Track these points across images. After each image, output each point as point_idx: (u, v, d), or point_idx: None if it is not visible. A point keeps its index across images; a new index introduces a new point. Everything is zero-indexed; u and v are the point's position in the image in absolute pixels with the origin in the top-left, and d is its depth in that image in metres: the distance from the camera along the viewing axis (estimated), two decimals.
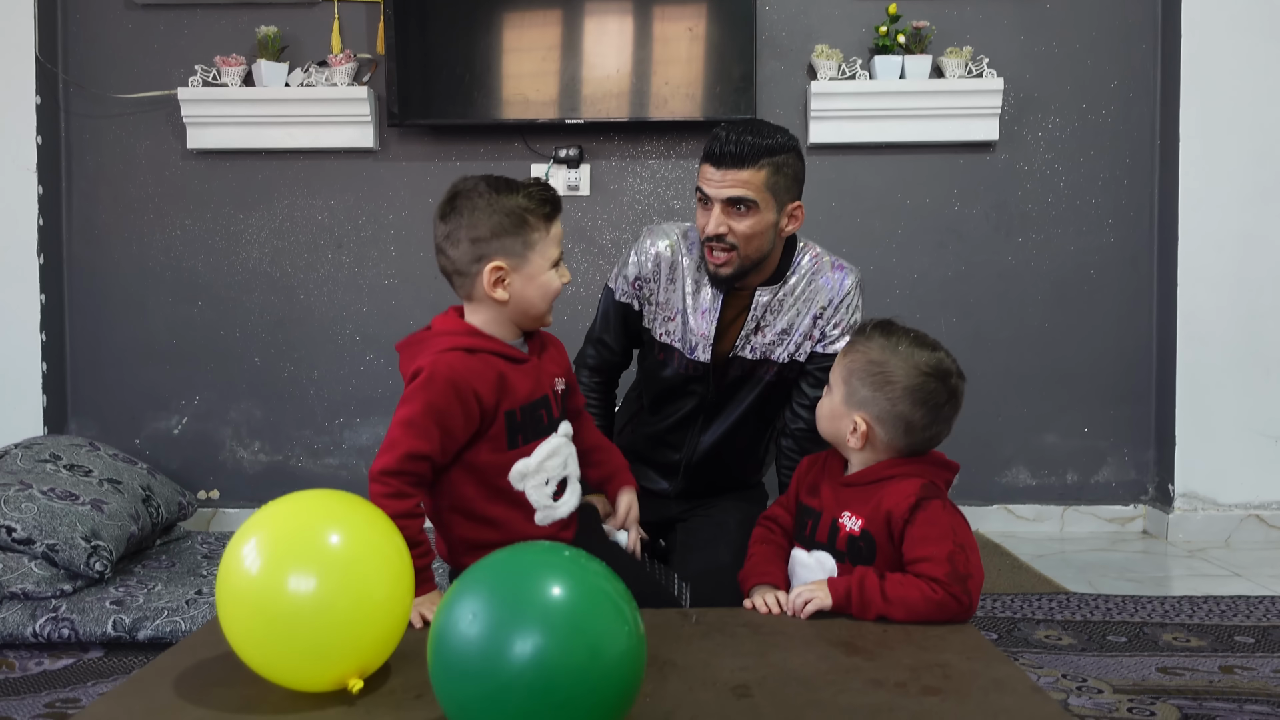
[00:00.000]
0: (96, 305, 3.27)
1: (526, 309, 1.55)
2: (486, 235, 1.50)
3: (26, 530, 2.24)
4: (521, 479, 1.56)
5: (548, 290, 1.55)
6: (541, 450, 1.57)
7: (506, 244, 1.51)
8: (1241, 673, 1.91)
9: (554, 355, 1.67)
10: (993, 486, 3.26)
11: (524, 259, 1.52)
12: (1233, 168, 3.08)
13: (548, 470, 1.58)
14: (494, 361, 1.52)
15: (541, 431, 1.58)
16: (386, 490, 1.45)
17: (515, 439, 1.55)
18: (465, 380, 1.48)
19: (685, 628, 1.39)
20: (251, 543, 1.17)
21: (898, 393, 1.51)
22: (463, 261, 1.52)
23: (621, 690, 0.98)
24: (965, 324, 3.23)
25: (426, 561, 1.46)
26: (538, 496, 1.58)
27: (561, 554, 1.03)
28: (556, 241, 1.55)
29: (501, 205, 1.50)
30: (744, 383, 2.07)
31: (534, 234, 1.52)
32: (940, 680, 1.20)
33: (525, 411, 1.55)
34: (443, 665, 0.97)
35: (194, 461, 3.28)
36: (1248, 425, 3.10)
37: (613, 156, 3.24)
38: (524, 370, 1.56)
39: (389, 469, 1.46)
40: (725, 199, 1.90)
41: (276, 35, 3.13)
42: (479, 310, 1.57)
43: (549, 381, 1.62)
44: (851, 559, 1.51)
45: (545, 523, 1.59)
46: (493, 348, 1.53)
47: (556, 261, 1.56)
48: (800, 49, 3.20)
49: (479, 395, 1.49)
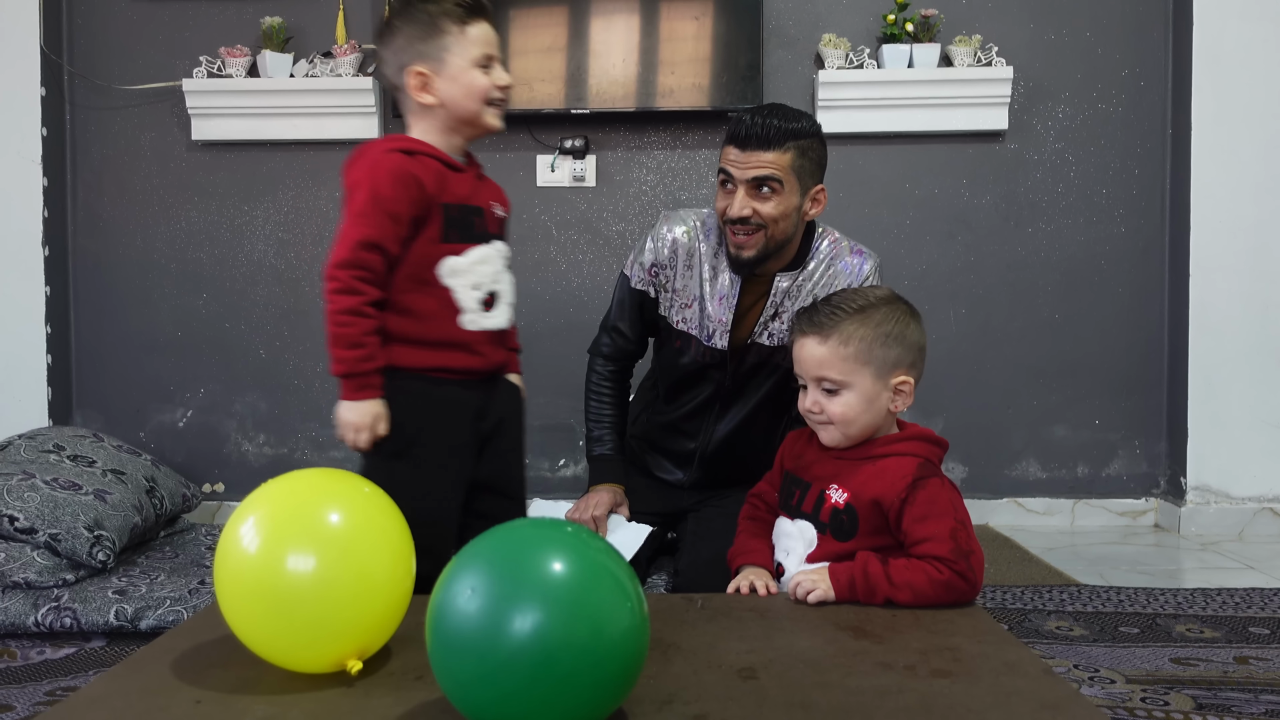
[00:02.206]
0: (101, 297, 3.27)
1: (456, 110, 1.59)
2: (404, 44, 1.59)
3: (29, 520, 2.23)
4: (451, 274, 1.58)
5: (472, 88, 1.58)
6: (473, 253, 1.60)
7: (421, 49, 1.58)
8: (1256, 663, 1.88)
9: (494, 189, 1.70)
10: (1002, 480, 3.23)
11: (441, 61, 1.57)
12: (1245, 156, 3.04)
13: (477, 275, 1.60)
14: (431, 161, 1.58)
15: (475, 237, 1.61)
16: (336, 285, 1.50)
17: (449, 233, 1.58)
18: (406, 168, 1.54)
19: (690, 612, 1.37)
20: (250, 522, 1.16)
21: (913, 325, 1.52)
22: (391, 73, 1.61)
23: (624, 668, 0.96)
24: (974, 315, 3.20)
25: (366, 367, 1.51)
26: (465, 298, 1.59)
27: (563, 530, 1.01)
28: (480, 43, 1.58)
29: (413, 15, 1.58)
30: (761, 370, 2.05)
31: (446, 37, 1.57)
32: (950, 663, 1.18)
33: (460, 210, 1.59)
34: (441, 642, 0.94)
35: (199, 454, 3.27)
36: (1261, 417, 3.06)
37: (619, 147, 3.22)
38: (461, 177, 1.62)
39: (340, 260, 1.51)
40: (750, 180, 1.88)
41: (281, 26, 3.11)
42: (417, 123, 1.62)
43: (485, 198, 1.65)
44: (833, 531, 1.48)
45: (471, 327, 1.60)
46: (430, 151, 1.59)
47: (484, 62, 1.59)
48: (807, 38, 3.18)
49: (420, 181, 1.54)
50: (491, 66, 1.60)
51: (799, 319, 1.56)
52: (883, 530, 1.46)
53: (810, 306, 1.56)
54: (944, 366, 3.17)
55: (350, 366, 1.51)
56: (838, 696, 1.08)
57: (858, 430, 1.51)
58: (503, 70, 1.61)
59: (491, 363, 1.65)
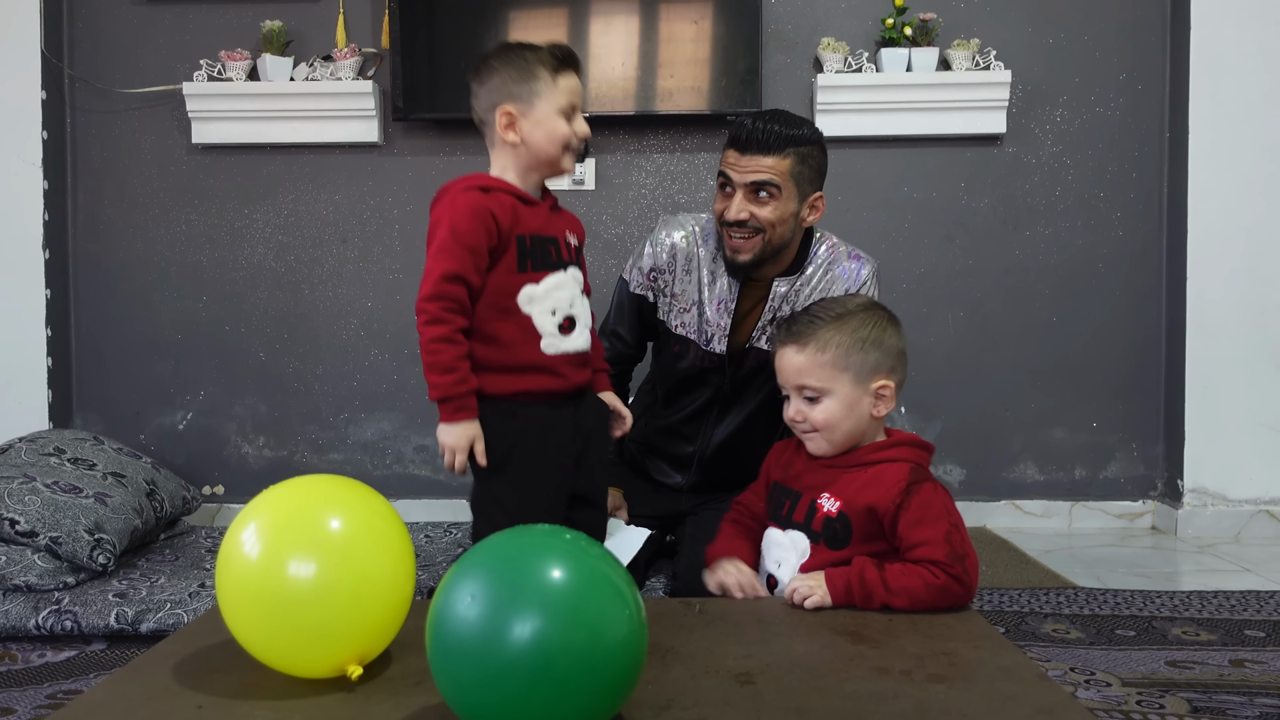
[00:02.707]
0: (102, 300, 3.27)
1: (536, 151, 1.66)
2: (498, 84, 1.67)
3: (30, 523, 2.24)
4: (529, 302, 1.65)
5: (554, 134, 1.65)
6: (549, 280, 1.66)
7: (514, 90, 1.66)
8: (1252, 666, 1.89)
9: (569, 219, 1.78)
10: (1000, 482, 3.23)
11: (530, 105, 1.65)
12: (1243, 160, 3.05)
13: (554, 300, 1.67)
14: (506, 197, 1.65)
15: (550, 265, 1.67)
16: (424, 318, 1.59)
17: (525, 263, 1.64)
18: (482, 204, 1.62)
19: (688, 616, 1.38)
20: (251, 527, 1.16)
21: (891, 329, 1.55)
22: (482, 110, 1.70)
23: (622, 673, 0.96)
24: (972, 318, 3.21)
25: (460, 390, 1.58)
26: (544, 323, 1.66)
27: (562, 537, 1.01)
28: (568, 93, 1.66)
29: (510, 58, 1.67)
30: (759, 374, 2.06)
31: (538, 83, 1.65)
32: (946, 668, 1.19)
33: (534, 241, 1.66)
34: (441, 648, 0.95)
35: (199, 456, 3.27)
36: (1258, 420, 3.07)
37: (618, 150, 3.23)
38: (534, 210, 1.69)
39: (426, 295, 1.59)
40: (749, 184, 1.90)
41: (281, 29, 3.12)
42: (498, 159, 1.70)
43: (559, 229, 1.72)
44: (827, 540, 1.49)
45: (552, 351, 1.66)
46: (505, 187, 1.66)
47: (568, 111, 1.66)
48: (806, 42, 3.19)
49: (495, 216, 1.62)
50: (574, 116, 1.68)
51: (778, 329, 1.60)
52: (877, 537, 1.47)
53: (789, 316, 1.60)
54: (942, 369, 3.18)
55: (446, 390, 1.58)
56: (834, 702, 1.09)
57: (841, 436, 1.52)
58: (583, 121, 1.69)
59: (573, 383, 1.71)
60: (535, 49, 1.68)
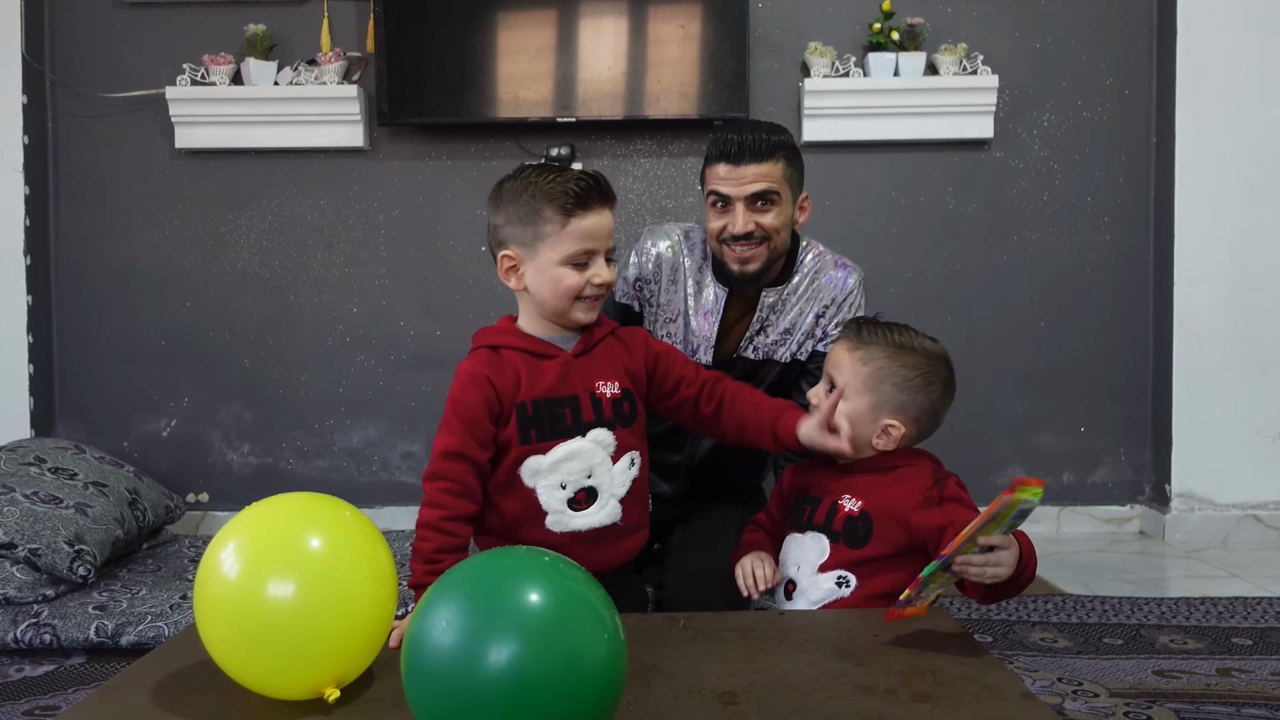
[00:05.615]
0: (84, 306, 3.24)
1: (542, 302, 1.52)
2: (503, 223, 1.52)
3: (9, 534, 2.21)
4: (533, 476, 1.50)
5: (557, 286, 1.48)
6: (559, 450, 1.50)
7: (516, 232, 1.50)
8: (1239, 675, 1.89)
9: (607, 362, 1.56)
10: (988, 487, 3.22)
11: (534, 250, 1.49)
12: (1229, 165, 3.05)
13: (564, 473, 1.51)
14: (514, 356, 1.52)
15: (562, 431, 1.50)
16: (426, 497, 1.47)
17: (527, 434, 1.49)
18: (481, 371, 1.49)
19: (672, 633, 1.37)
20: (230, 547, 1.14)
21: (938, 391, 1.55)
22: (491, 244, 1.56)
23: (601, 699, 0.95)
24: (960, 323, 3.21)
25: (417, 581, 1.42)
26: (549, 498, 1.51)
27: (540, 559, 1.00)
28: (580, 238, 1.47)
29: (521, 193, 1.49)
30: (747, 383, 2.05)
31: (545, 226, 1.47)
32: (931, 686, 1.18)
33: (539, 406, 1.50)
34: (416, 675, 0.94)
35: (183, 464, 3.25)
36: (1244, 424, 3.08)
37: (605, 155, 3.21)
38: (550, 365, 1.52)
39: (428, 473, 1.48)
40: (749, 195, 1.88)
41: (265, 34, 3.10)
42: (520, 301, 1.57)
43: (584, 381, 1.53)
44: (847, 539, 1.52)
45: (559, 530, 1.52)
46: (519, 344, 1.52)
47: (580, 259, 1.48)
48: (793, 46, 3.18)
49: (494, 384, 1.49)
50: (592, 262, 1.49)
51: (851, 323, 1.61)
52: (897, 536, 1.50)
53: (868, 318, 1.61)
54: None
55: (418, 578, 1.42)
56: None
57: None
58: (604, 265, 1.50)
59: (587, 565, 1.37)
60: (552, 179, 1.47)
